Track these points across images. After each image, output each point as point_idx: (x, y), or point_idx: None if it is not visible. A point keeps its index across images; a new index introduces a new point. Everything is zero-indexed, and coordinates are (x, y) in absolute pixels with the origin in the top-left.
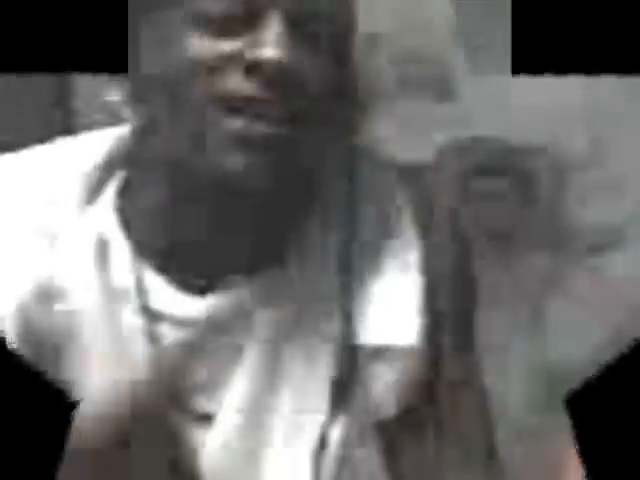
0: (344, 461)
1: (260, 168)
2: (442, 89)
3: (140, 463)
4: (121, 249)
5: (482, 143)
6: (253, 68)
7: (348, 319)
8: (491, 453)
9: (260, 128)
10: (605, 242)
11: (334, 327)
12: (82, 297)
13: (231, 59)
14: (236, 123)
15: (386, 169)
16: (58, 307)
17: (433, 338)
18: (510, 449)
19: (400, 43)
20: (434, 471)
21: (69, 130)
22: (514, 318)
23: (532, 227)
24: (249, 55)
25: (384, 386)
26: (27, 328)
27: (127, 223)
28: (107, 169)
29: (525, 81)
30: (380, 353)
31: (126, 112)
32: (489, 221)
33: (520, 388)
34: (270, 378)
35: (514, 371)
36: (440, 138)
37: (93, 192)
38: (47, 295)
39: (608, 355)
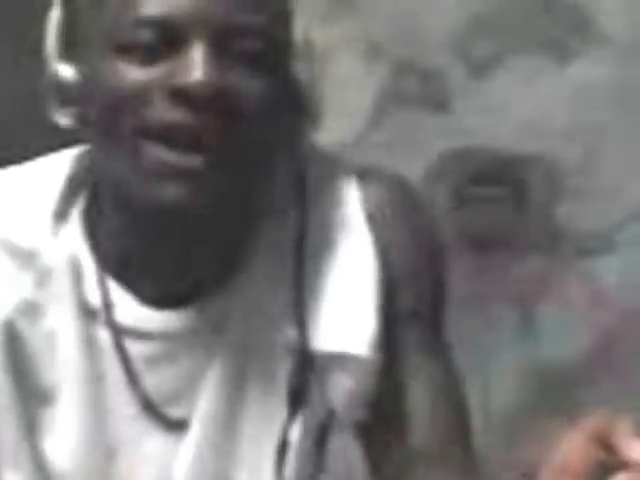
0: (306, 458)
1: (195, 197)
2: (438, 100)
3: None
4: (89, 265)
5: (477, 153)
6: (178, 93)
7: (302, 327)
8: (469, 456)
9: (192, 160)
10: (594, 247)
11: (290, 335)
12: (58, 314)
13: (154, 87)
14: (163, 154)
15: (341, 173)
16: (39, 322)
17: (391, 343)
18: (497, 448)
19: (397, 54)
20: (410, 466)
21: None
22: (506, 319)
23: (524, 232)
24: (172, 81)
25: (342, 392)
26: (12, 340)
27: (92, 240)
28: (75, 185)
29: (518, 93)
30: (335, 360)
31: (81, 134)
32: (483, 227)
33: (510, 388)
34: (237, 384)
35: (504, 371)
36: (437, 148)
37: (63, 211)
38: (29, 311)
39: (596, 357)
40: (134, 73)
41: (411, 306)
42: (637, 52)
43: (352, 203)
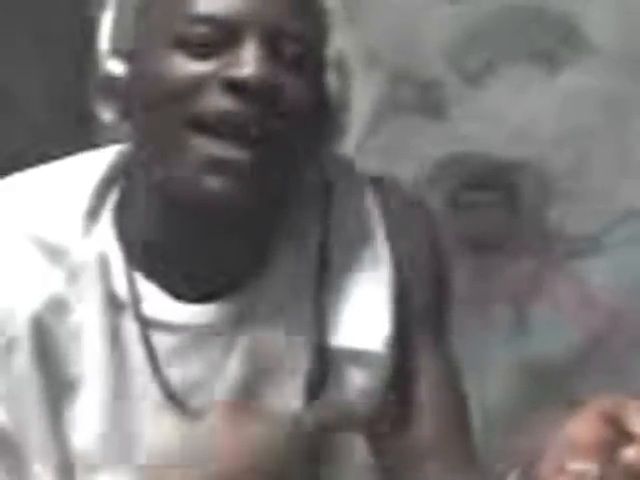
0: (319, 444)
1: (240, 190)
2: (434, 108)
3: None
4: (118, 260)
5: (471, 158)
6: (231, 85)
7: (322, 324)
8: (469, 449)
9: (239, 154)
10: (584, 249)
11: (310, 331)
12: (86, 309)
13: (209, 79)
14: (212, 147)
15: (359, 179)
16: (67, 318)
17: (402, 341)
18: (491, 442)
19: (395, 64)
20: (412, 457)
21: (93, 145)
22: (500, 319)
23: (517, 235)
24: (227, 73)
25: (357, 386)
26: (40, 334)
27: (122, 235)
28: (107, 185)
29: (511, 101)
30: (352, 356)
31: (121, 130)
32: (478, 230)
33: (505, 383)
34: (256, 376)
35: (499, 368)
36: (432, 154)
37: (94, 210)
38: (58, 306)
39: (585, 354)
40: (189, 66)
41: (422, 308)
42: (624, 61)
43: (372, 211)
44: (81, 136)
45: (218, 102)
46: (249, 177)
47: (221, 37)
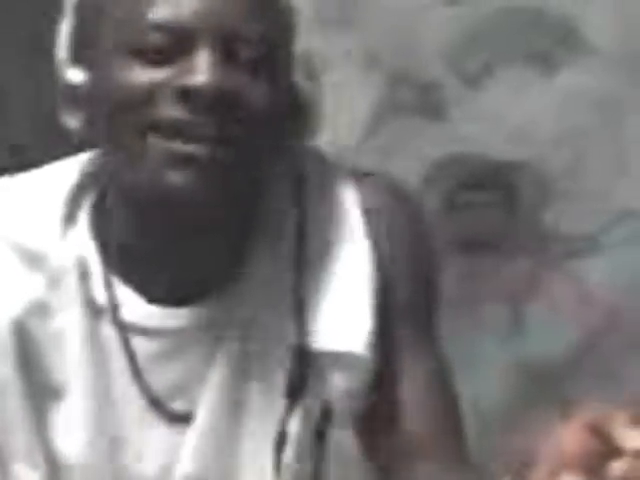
0: (305, 449)
1: (199, 185)
2: (432, 109)
3: None
4: (96, 264)
5: (469, 159)
6: (184, 94)
7: (302, 325)
8: (462, 448)
9: (197, 149)
10: (581, 249)
11: (290, 333)
12: (67, 314)
13: (163, 87)
14: (171, 144)
15: (333, 173)
16: (48, 323)
17: (386, 341)
18: (486, 441)
19: (394, 66)
20: (406, 460)
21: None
22: (497, 318)
23: (514, 235)
24: (180, 82)
25: (339, 388)
26: (22, 339)
27: (99, 241)
28: (81, 190)
29: (508, 102)
30: (333, 358)
31: (86, 136)
32: (475, 230)
33: (499, 384)
34: (239, 379)
35: (495, 367)
36: (431, 155)
37: (70, 215)
38: (39, 311)
39: (582, 354)
40: (144, 74)
41: (405, 306)
42: (622, 62)
43: (350, 206)
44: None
45: (172, 111)
46: (210, 172)
47: (175, 44)
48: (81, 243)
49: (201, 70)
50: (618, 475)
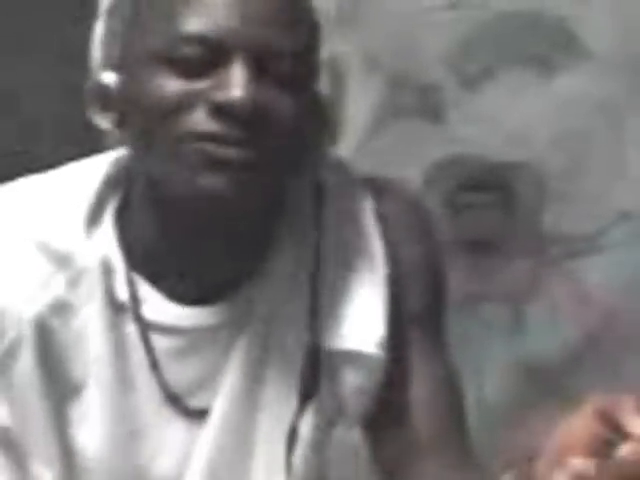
0: (314, 447)
1: (232, 186)
2: (433, 111)
3: None
4: (119, 263)
5: (468, 161)
6: (220, 108)
7: (317, 326)
8: (466, 447)
9: (231, 152)
10: (580, 249)
11: (305, 332)
12: (89, 311)
13: (196, 99)
14: (209, 146)
15: (352, 180)
16: (70, 321)
17: (397, 342)
18: (488, 439)
19: (395, 69)
20: (412, 458)
21: (99, 150)
22: (498, 318)
23: (514, 236)
24: (214, 96)
25: (351, 387)
26: (44, 337)
27: (123, 240)
28: (107, 189)
29: (507, 105)
30: (346, 358)
31: (118, 137)
32: (475, 231)
33: (502, 382)
34: (254, 377)
35: (497, 366)
36: (431, 156)
37: (96, 214)
38: (61, 309)
39: (581, 353)
40: (176, 84)
41: (416, 310)
42: (619, 66)
43: (367, 213)
44: (87, 142)
45: (205, 124)
46: (242, 175)
47: (208, 57)
48: (105, 242)
49: (236, 85)
50: (624, 459)
